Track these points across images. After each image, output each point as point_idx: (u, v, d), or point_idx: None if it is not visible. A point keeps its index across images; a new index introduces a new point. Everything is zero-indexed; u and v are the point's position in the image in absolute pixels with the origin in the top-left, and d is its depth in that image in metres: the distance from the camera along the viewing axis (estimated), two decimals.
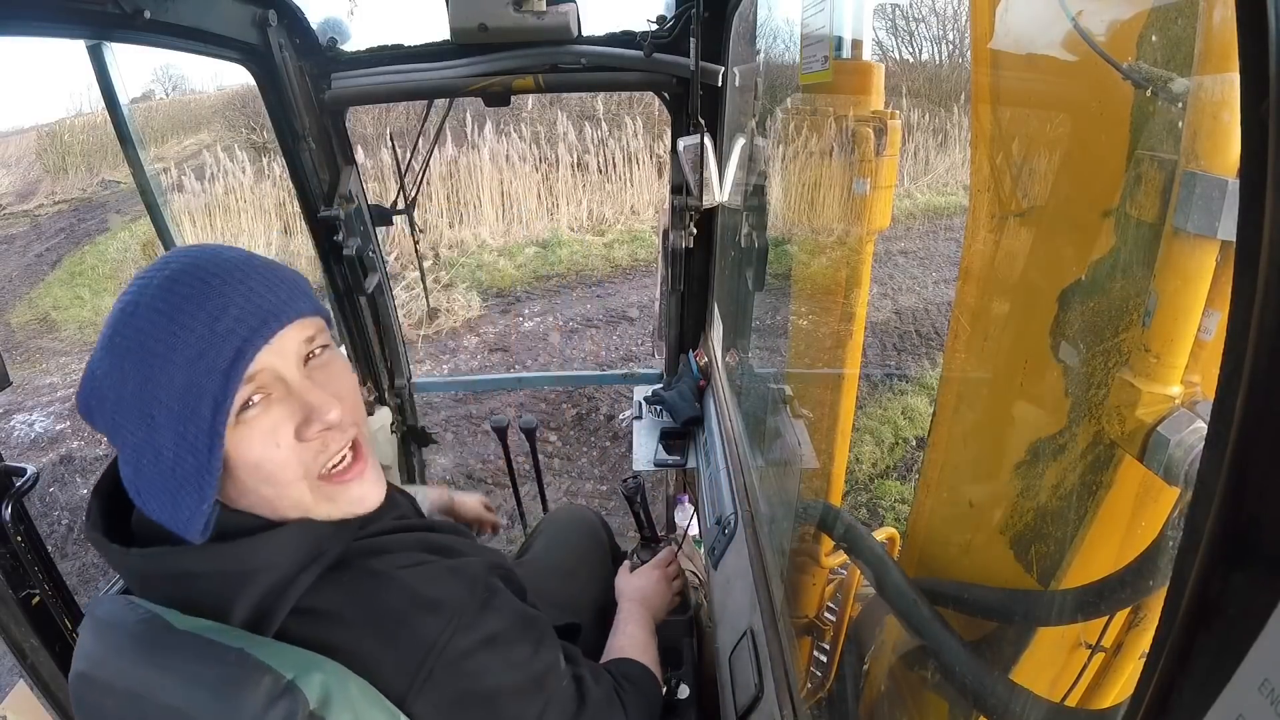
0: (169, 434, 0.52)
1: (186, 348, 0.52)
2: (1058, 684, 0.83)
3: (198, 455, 0.53)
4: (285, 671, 0.51)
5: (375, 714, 0.54)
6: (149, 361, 0.52)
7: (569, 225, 7.50)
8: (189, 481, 0.53)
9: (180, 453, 0.52)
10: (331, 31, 1.50)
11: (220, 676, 0.51)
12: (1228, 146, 0.53)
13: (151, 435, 0.52)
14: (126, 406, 0.53)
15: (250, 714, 0.50)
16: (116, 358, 0.52)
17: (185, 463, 0.53)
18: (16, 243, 8.40)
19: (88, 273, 7.27)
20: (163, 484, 0.53)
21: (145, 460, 0.53)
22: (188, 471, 0.53)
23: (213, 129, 10.21)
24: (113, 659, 0.55)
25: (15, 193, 10.11)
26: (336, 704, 0.51)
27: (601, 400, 4.44)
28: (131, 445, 0.53)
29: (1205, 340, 0.59)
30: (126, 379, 0.52)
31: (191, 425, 0.52)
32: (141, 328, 0.52)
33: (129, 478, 0.55)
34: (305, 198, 1.65)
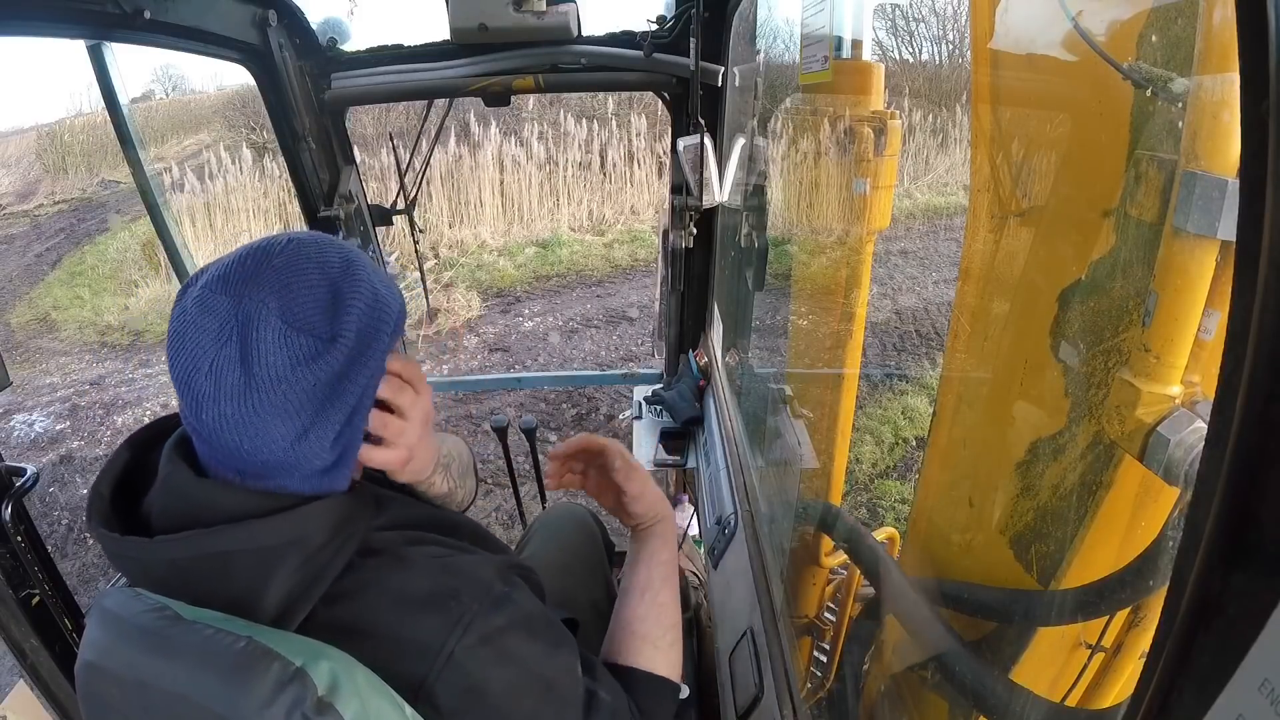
0: (368, 397, 0.59)
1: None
2: (1058, 684, 0.83)
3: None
4: (293, 658, 0.51)
5: (381, 703, 0.54)
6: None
7: (569, 225, 7.51)
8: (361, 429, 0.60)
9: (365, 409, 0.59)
10: (331, 31, 1.50)
11: (228, 663, 0.51)
12: (1228, 146, 0.53)
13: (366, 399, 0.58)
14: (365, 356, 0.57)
15: (259, 700, 0.50)
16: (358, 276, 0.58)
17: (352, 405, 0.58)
18: (16, 243, 8.39)
19: (88, 273, 7.27)
20: (332, 423, 0.58)
21: (340, 396, 0.57)
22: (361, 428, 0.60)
23: (213, 129, 10.21)
24: (120, 649, 0.56)
25: (15, 193, 10.10)
26: (344, 691, 0.52)
27: (601, 400, 4.44)
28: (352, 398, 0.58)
29: (1205, 340, 0.59)
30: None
31: (372, 392, 0.59)
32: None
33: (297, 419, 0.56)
34: (305, 198, 1.65)
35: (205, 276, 0.55)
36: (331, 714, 0.50)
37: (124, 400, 4.88)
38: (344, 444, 0.58)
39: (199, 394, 0.53)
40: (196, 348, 0.53)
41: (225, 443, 0.54)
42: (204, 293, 0.54)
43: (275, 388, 0.53)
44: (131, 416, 4.68)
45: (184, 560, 0.55)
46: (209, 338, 0.53)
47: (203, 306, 0.53)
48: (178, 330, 0.54)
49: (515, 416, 3.59)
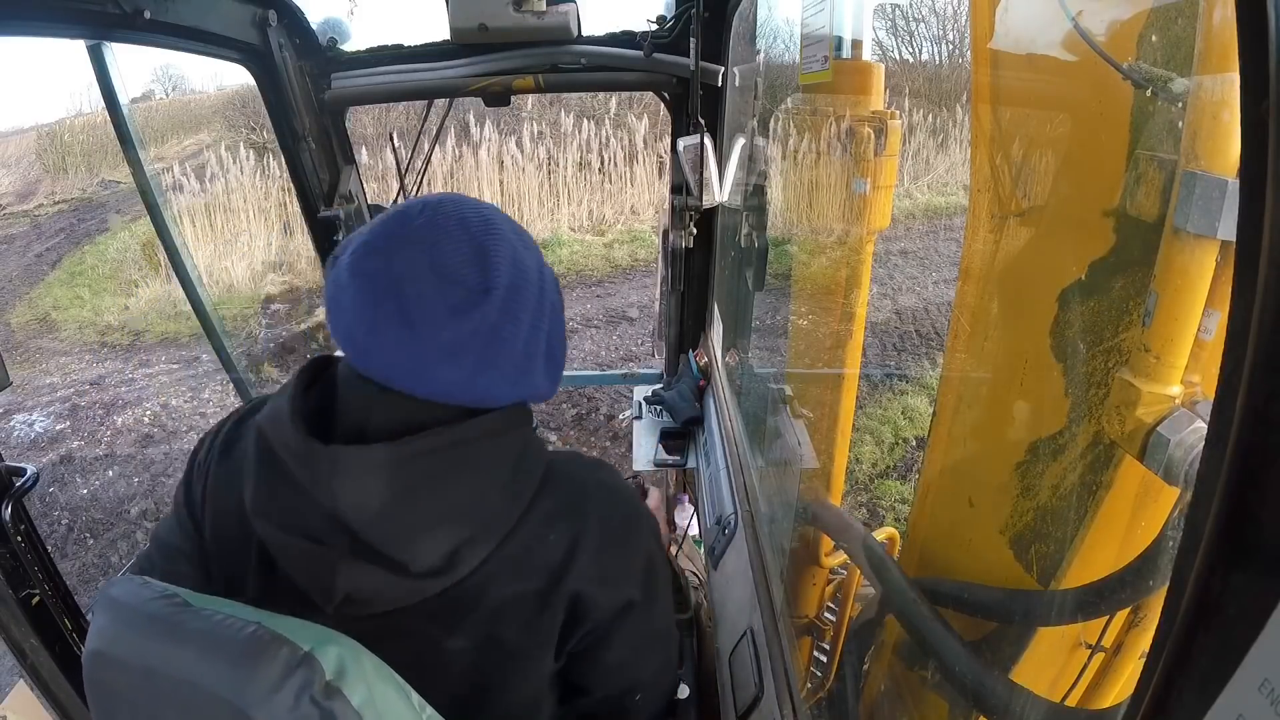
0: (553, 307, 0.64)
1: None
2: (1058, 684, 0.83)
3: (564, 322, 0.67)
4: (302, 643, 0.51)
5: (387, 689, 0.54)
6: (533, 244, 0.65)
7: (569, 225, 7.51)
8: (564, 342, 0.67)
9: (558, 320, 0.66)
10: (331, 31, 1.50)
11: (237, 648, 0.51)
12: (1228, 146, 0.53)
13: (547, 308, 0.63)
14: (534, 284, 0.62)
15: (268, 684, 0.50)
16: (521, 238, 0.63)
17: (561, 328, 0.67)
18: (16, 243, 8.39)
19: (88, 273, 7.27)
20: (554, 354, 0.65)
21: (541, 336, 0.62)
22: (563, 335, 0.67)
23: (213, 129, 10.21)
24: (128, 636, 0.56)
25: (15, 193, 10.10)
26: (351, 676, 0.52)
27: (601, 400, 4.44)
28: (531, 326, 0.61)
29: (1205, 340, 0.59)
30: (529, 253, 0.63)
31: (558, 298, 0.66)
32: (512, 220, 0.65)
33: (518, 354, 0.60)
34: (305, 198, 1.65)
35: (351, 246, 0.59)
36: (339, 699, 0.50)
37: (124, 400, 4.88)
38: (522, 390, 0.62)
39: (366, 349, 0.57)
40: (355, 308, 0.56)
41: (400, 388, 0.57)
42: (353, 259, 0.58)
43: (438, 336, 0.56)
44: (131, 416, 4.68)
45: (424, 457, 0.57)
46: (365, 298, 0.56)
47: (355, 271, 0.57)
48: (334, 295, 0.58)
49: None
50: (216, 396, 4.82)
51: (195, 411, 4.72)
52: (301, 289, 6.26)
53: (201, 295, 1.65)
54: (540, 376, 0.63)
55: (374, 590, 0.57)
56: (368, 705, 0.51)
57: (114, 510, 3.76)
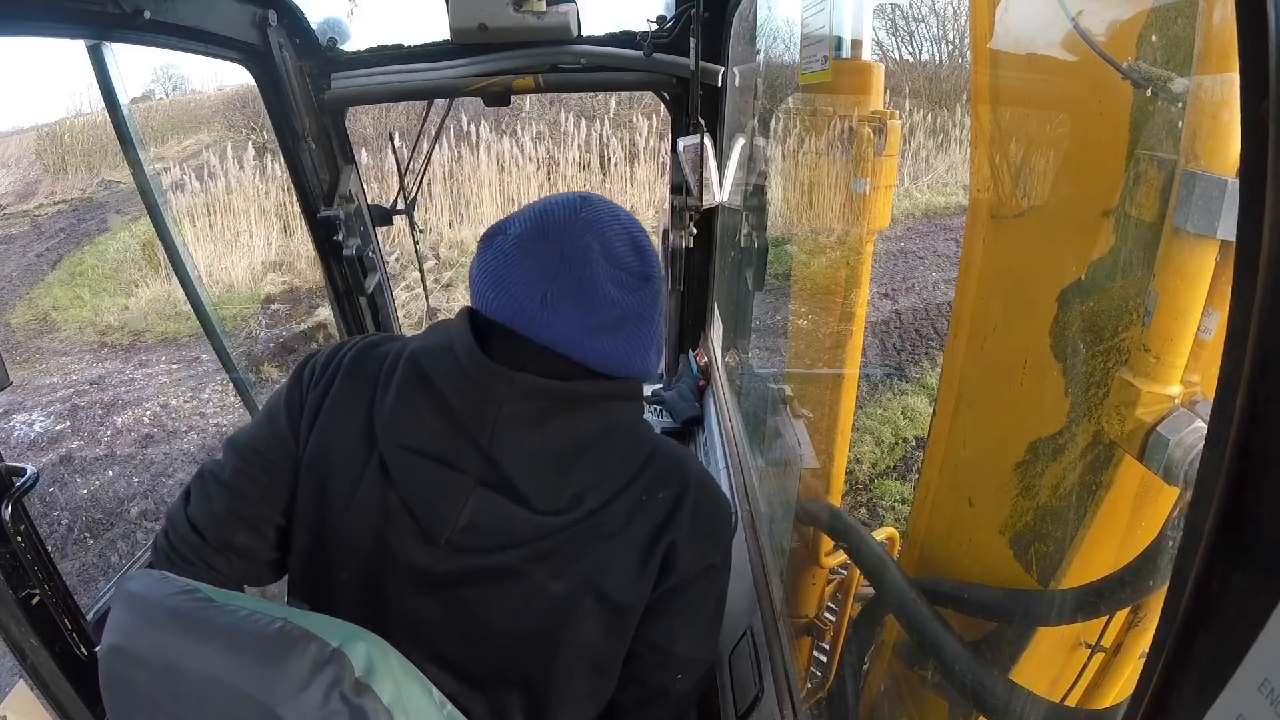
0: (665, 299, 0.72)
1: None
2: (1058, 684, 0.83)
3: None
4: (330, 639, 0.51)
5: (413, 686, 0.54)
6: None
7: None
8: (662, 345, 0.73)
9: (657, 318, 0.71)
10: (331, 31, 1.50)
11: (265, 645, 0.51)
12: (1228, 146, 0.53)
13: (663, 300, 0.70)
14: (660, 279, 0.69)
15: (297, 680, 0.49)
16: (648, 238, 0.69)
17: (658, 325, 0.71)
18: (16, 243, 8.38)
19: (88, 273, 7.27)
20: (660, 344, 0.71)
21: (661, 322, 0.70)
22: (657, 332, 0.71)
23: (213, 129, 10.21)
24: (149, 632, 0.55)
25: (15, 193, 10.09)
26: (380, 673, 0.51)
27: None
28: (659, 311, 0.69)
29: (1205, 340, 0.59)
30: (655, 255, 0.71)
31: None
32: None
33: (656, 336, 0.69)
34: (305, 198, 1.65)
35: (514, 229, 0.65)
36: (369, 696, 0.50)
37: (124, 400, 4.88)
38: (648, 365, 0.69)
39: (536, 320, 0.62)
40: (526, 283, 0.62)
41: (564, 355, 0.63)
42: (521, 241, 0.64)
43: (608, 310, 0.63)
44: (131, 416, 4.68)
45: (587, 402, 0.63)
46: (537, 274, 0.62)
47: (525, 251, 0.63)
48: (500, 271, 0.64)
49: None
50: (216, 396, 4.82)
51: (195, 411, 4.72)
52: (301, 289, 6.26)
53: (201, 295, 1.65)
54: (656, 356, 0.71)
55: (495, 521, 0.62)
56: (396, 702, 0.51)
57: (114, 510, 3.76)
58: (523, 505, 0.62)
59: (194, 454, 4.22)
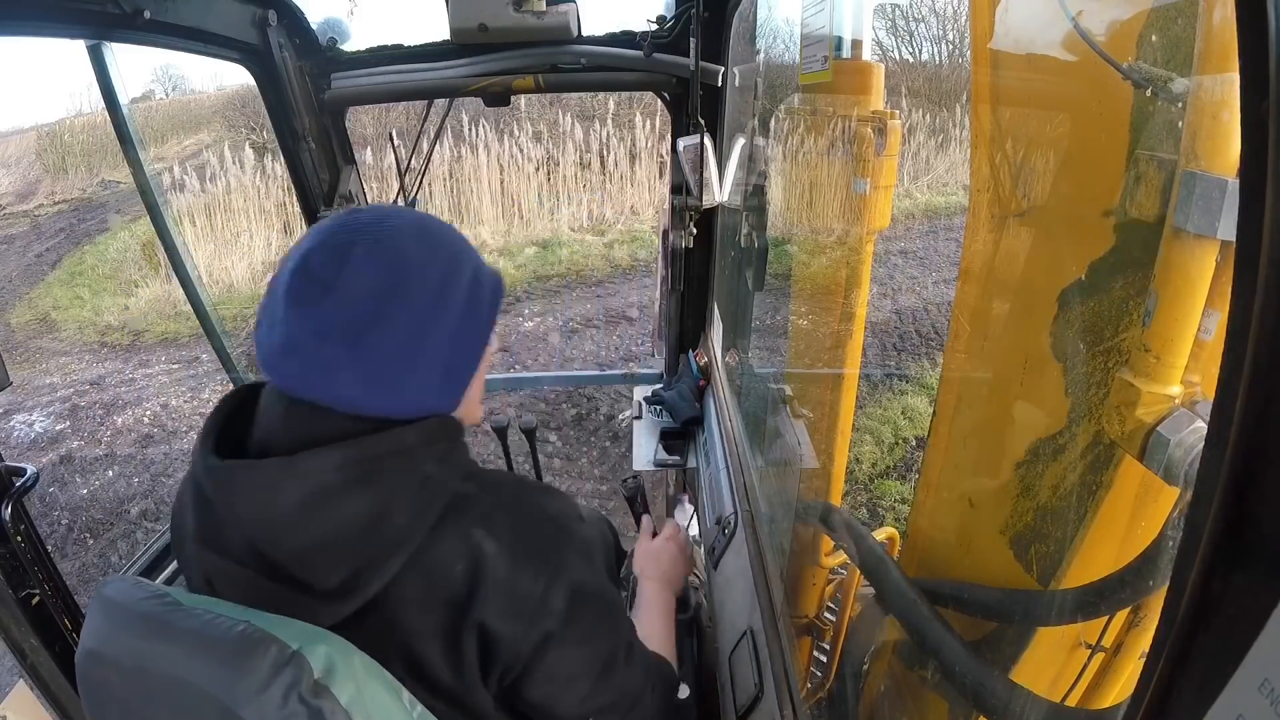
0: (462, 316, 0.61)
1: (472, 251, 0.65)
2: (1058, 684, 0.83)
3: (480, 339, 0.65)
4: (290, 642, 0.51)
5: (377, 687, 0.54)
6: (457, 257, 0.62)
7: (569, 225, 7.50)
8: (469, 359, 0.64)
9: (464, 335, 0.62)
10: (331, 31, 1.50)
11: (227, 647, 0.52)
12: (1228, 146, 0.53)
13: (447, 314, 0.60)
14: (429, 286, 0.59)
15: (257, 682, 0.50)
16: (426, 248, 0.60)
17: (468, 344, 0.63)
18: (16, 243, 8.39)
19: (88, 273, 7.27)
20: (437, 362, 0.60)
21: (430, 340, 0.59)
22: (469, 352, 0.64)
23: (213, 129, 10.21)
24: (121, 636, 0.56)
25: (15, 193, 10.10)
26: (340, 674, 0.52)
27: (601, 400, 4.44)
28: (418, 324, 0.59)
29: (1205, 340, 0.59)
30: (436, 257, 0.60)
31: (477, 315, 0.63)
32: (447, 233, 0.63)
33: (390, 368, 0.58)
34: (305, 198, 1.65)
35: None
36: (327, 697, 0.51)
37: (124, 400, 4.88)
38: (399, 400, 0.60)
39: (260, 345, 0.59)
40: (270, 308, 0.59)
41: (284, 372, 0.58)
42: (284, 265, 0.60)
43: (293, 324, 0.57)
44: (131, 416, 4.68)
45: (332, 473, 0.56)
46: (277, 299, 0.58)
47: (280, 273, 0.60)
48: (266, 304, 0.60)
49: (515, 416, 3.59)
50: (216, 396, 4.81)
51: (195, 411, 4.72)
52: None
53: (201, 295, 1.65)
54: (429, 390, 0.61)
55: (280, 610, 0.55)
56: (356, 703, 0.52)
57: (114, 510, 3.76)
58: (304, 593, 0.56)
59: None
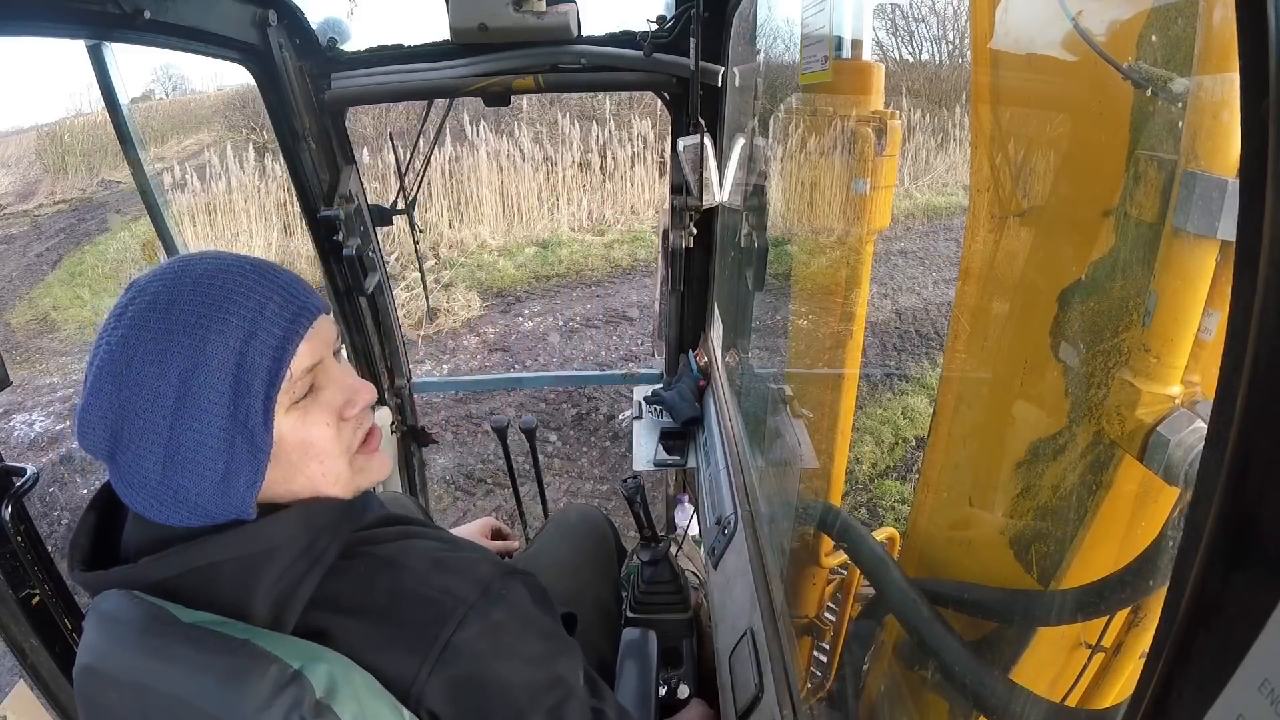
0: (219, 418, 0.54)
1: (238, 330, 0.54)
2: (1058, 684, 0.83)
3: (254, 433, 0.55)
4: (291, 661, 0.51)
5: (379, 705, 0.54)
6: (197, 346, 0.53)
7: (569, 225, 7.51)
8: (242, 461, 0.55)
9: (233, 434, 0.55)
10: (331, 31, 1.50)
11: (226, 666, 0.51)
12: (1228, 146, 0.53)
13: (195, 423, 0.54)
14: (164, 400, 0.54)
15: (257, 703, 0.50)
16: (155, 349, 0.53)
17: (238, 444, 0.55)
18: (16, 243, 8.39)
19: (88, 273, 7.27)
20: (206, 472, 0.55)
21: (185, 452, 0.54)
22: (241, 452, 0.55)
23: (213, 129, 10.21)
24: (118, 652, 0.55)
25: (15, 193, 10.10)
26: (342, 694, 0.51)
27: (601, 400, 4.44)
28: (164, 442, 0.54)
29: (1205, 340, 0.59)
30: (168, 369, 0.53)
31: (244, 403, 0.55)
32: (184, 315, 0.54)
33: (151, 482, 0.55)
34: (305, 198, 1.65)
35: None
36: (329, 716, 0.50)
37: None
38: (193, 471, 0.55)
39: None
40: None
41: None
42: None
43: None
44: None
45: (172, 579, 0.56)
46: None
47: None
48: None
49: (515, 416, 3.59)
50: None
51: None
52: None
53: None
54: (199, 485, 0.55)
55: None
56: None
57: None
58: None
59: None
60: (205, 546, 0.55)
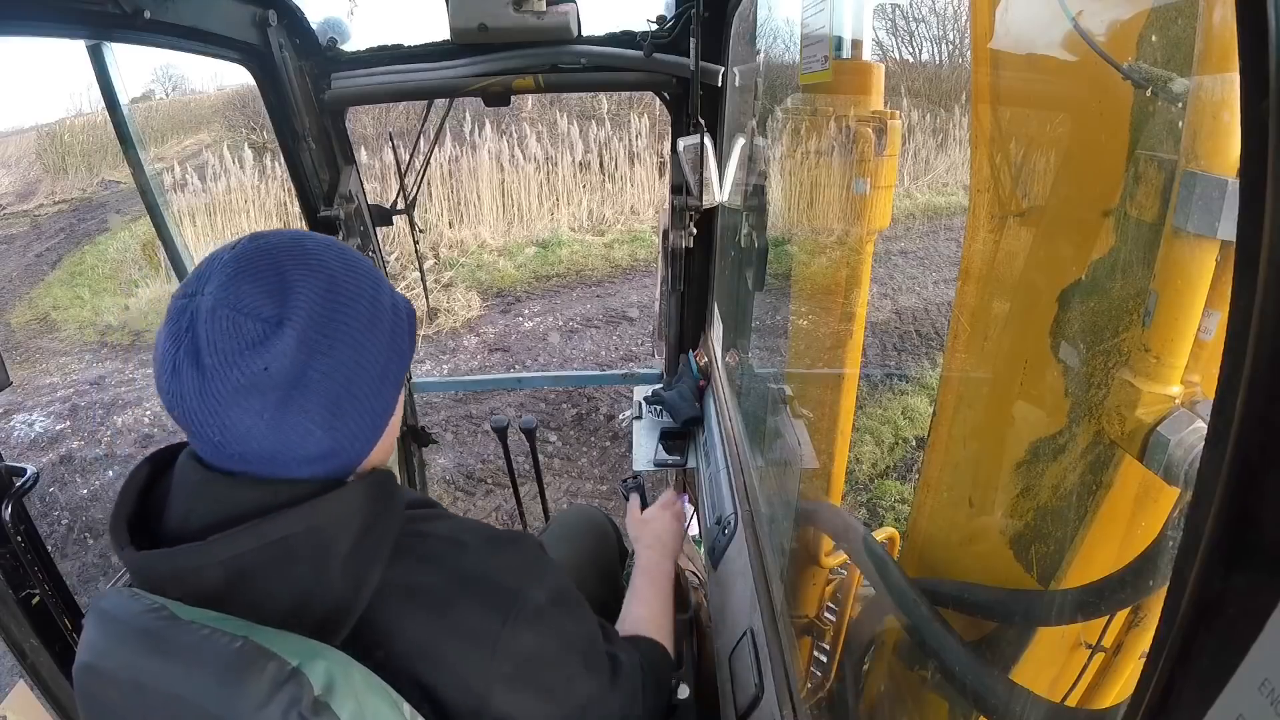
0: (385, 348, 0.59)
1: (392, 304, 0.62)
2: (1058, 684, 0.83)
3: (403, 369, 0.63)
4: (290, 658, 0.51)
5: (379, 703, 0.54)
6: (377, 277, 0.61)
7: (569, 225, 7.51)
8: (395, 391, 0.62)
9: (393, 366, 0.61)
10: (331, 31, 1.50)
11: (225, 663, 0.51)
12: (1228, 146, 0.53)
13: (375, 348, 0.58)
14: (361, 318, 0.58)
15: (255, 700, 0.50)
16: (349, 268, 0.59)
17: (396, 375, 0.61)
18: (16, 243, 8.39)
19: (88, 273, 7.27)
20: (371, 402, 0.59)
21: (363, 380, 0.58)
22: (396, 384, 0.62)
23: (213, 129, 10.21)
24: (117, 650, 0.55)
25: (15, 193, 10.10)
26: (340, 691, 0.51)
27: (601, 400, 4.44)
28: (350, 366, 0.57)
29: (1205, 340, 0.59)
30: (362, 290, 0.59)
31: (399, 343, 0.61)
32: (354, 251, 0.61)
33: (315, 436, 0.56)
34: (305, 198, 1.65)
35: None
36: (327, 714, 0.50)
37: (124, 400, 4.88)
38: (341, 433, 0.58)
39: (170, 394, 0.55)
40: (162, 352, 0.55)
41: (206, 438, 0.55)
42: (173, 301, 0.56)
43: (226, 374, 0.53)
44: (131, 416, 4.68)
45: (248, 555, 0.55)
46: (169, 340, 0.55)
47: (166, 314, 0.56)
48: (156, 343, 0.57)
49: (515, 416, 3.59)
50: None
51: None
52: None
53: None
54: (360, 431, 0.58)
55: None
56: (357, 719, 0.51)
57: None
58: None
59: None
60: (280, 520, 0.55)
